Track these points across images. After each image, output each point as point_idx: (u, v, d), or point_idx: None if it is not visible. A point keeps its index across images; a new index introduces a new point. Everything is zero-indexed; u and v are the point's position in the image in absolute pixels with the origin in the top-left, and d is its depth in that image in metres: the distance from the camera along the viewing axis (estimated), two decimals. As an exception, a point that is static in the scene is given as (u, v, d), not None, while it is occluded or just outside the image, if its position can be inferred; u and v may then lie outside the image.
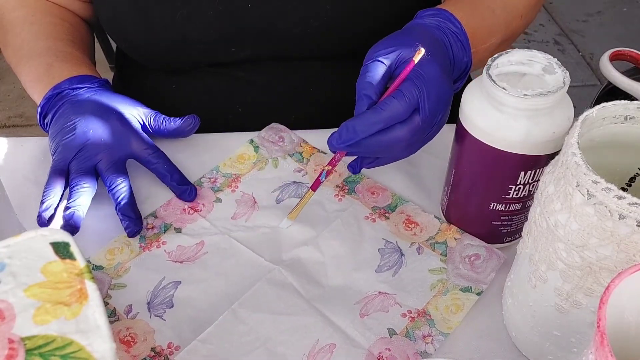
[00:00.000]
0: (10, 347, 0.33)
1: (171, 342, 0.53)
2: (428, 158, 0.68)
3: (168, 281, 0.57)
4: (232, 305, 0.55)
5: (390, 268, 0.58)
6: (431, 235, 0.60)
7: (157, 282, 0.57)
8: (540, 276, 0.45)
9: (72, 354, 0.34)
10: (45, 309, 0.35)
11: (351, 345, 0.52)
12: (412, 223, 0.62)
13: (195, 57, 0.73)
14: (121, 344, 0.52)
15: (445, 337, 0.53)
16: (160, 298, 0.56)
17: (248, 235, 0.61)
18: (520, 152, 0.51)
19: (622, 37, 2.11)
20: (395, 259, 0.59)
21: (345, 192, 0.65)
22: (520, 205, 0.55)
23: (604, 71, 0.65)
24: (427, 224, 0.62)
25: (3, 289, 0.36)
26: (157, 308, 0.55)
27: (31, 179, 0.66)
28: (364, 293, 0.56)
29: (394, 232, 0.61)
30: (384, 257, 0.59)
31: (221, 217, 0.62)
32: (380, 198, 0.64)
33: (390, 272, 0.58)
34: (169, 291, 0.56)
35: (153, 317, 0.54)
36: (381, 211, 0.63)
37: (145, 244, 0.60)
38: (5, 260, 0.37)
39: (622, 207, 0.38)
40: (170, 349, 0.52)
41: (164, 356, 0.51)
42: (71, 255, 0.38)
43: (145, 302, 0.55)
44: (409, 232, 0.61)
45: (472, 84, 0.54)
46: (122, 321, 0.54)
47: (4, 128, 1.83)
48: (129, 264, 0.58)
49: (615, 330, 0.35)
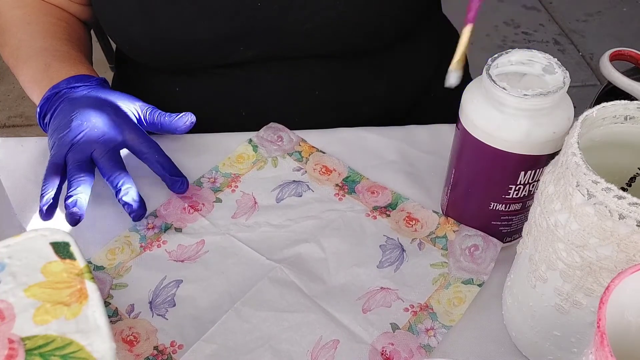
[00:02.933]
0: (10, 347, 0.33)
1: (174, 340, 0.53)
2: (428, 158, 0.68)
3: (169, 280, 0.57)
4: (235, 304, 0.55)
5: (391, 264, 0.58)
6: (431, 230, 0.61)
7: (158, 281, 0.57)
8: (540, 276, 0.45)
9: (72, 354, 0.34)
10: (45, 309, 0.35)
11: (354, 341, 0.52)
12: (412, 220, 0.62)
13: (202, 57, 0.73)
14: (124, 344, 0.52)
15: (448, 330, 0.53)
16: (162, 297, 0.56)
17: (249, 234, 0.61)
18: (520, 152, 0.51)
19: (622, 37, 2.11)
20: (396, 255, 0.59)
21: (345, 192, 0.65)
22: (520, 205, 0.55)
23: (604, 71, 0.65)
24: (427, 219, 0.62)
25: (3, 289, 0.36)
26: (159, 307, 0.55)
27: (31, 179, 0.66)
28: (366, 289, 0.56)
29: (395, 228, 0.61)
30: (385, 253, 0.59)
31: (222, 217, 0.62)
32: (380, 197, 0.64)
33: (391, 267, 0.58)
34: (171, 290, 0.56)
35: (155, 316, 0.54)
36: (382, 209, 0.63)
37: (146, 243, 0.60)
38: (5, 260, 0.37)
39: (622, 207, 0.38)
40: (174, 347, 0.52)
41: (167, 355, 0.52)
42: (71, 255, 0.38)
43: (147, 302, 0.55)
44: (409, 228, 0.61)
45: (472, 84, 0.54)
46: (125, 321, 0.54)
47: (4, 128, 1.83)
48: (129, 264, 0.58)
49: (615, 330, 0.35)
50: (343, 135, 0.71)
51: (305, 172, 0.67)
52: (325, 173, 0.66)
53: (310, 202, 0.62)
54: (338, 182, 0.66)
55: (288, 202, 0.64)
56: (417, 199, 0.64)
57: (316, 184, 0.65)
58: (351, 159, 0.69)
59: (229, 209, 0.63)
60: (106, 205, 0.62)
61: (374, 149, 0.70)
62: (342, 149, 0.69)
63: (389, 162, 0.68)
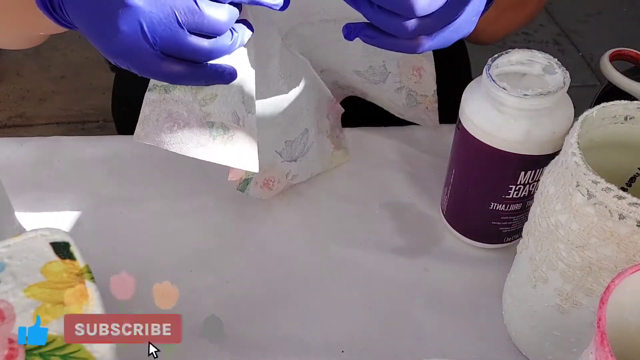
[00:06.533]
0: (10, 347, 0.34)
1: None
2: (428, 158, 0.68)
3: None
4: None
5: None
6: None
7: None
8: (541, 276, 0.45)
9: (72, 354, 0.34)
10: (45, 309, 0.35)
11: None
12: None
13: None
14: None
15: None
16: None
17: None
18: (520, 152, 0.51)
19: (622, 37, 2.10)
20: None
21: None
22: (520, 205, 0.55)
23: (604, 71, 0.65)
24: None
25: (3, 289, 0.36)
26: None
27: (31, 179, 0.66)
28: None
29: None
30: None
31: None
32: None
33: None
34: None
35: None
36: None
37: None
38: (5, 260, 0.37)
39: (622, 207, 0.38)
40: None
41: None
42: (71, 255, 0.38)
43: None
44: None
45: (472, 84, 0.54)
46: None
47: (4, 128, 1.83)
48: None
49: (615, 330, 0.35)
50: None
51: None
52: None
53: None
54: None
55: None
56: (417, 199, 0.64)
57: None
58: (351, 158, 0.69)
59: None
60: (106, 205, 0.62)
61: (374, 149, 0.70)
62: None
63: (389, 162, 0.68)
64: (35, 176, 0.66)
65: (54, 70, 1.91)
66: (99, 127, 1.77)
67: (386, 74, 0.64)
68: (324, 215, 0.64)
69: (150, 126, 0.45)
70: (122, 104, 0.86)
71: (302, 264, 0.59)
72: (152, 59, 0.41)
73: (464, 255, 0.60)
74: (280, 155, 0.60)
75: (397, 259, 0.60)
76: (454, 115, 0.55)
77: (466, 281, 0.58)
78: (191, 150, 0.47)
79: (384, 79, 0.65)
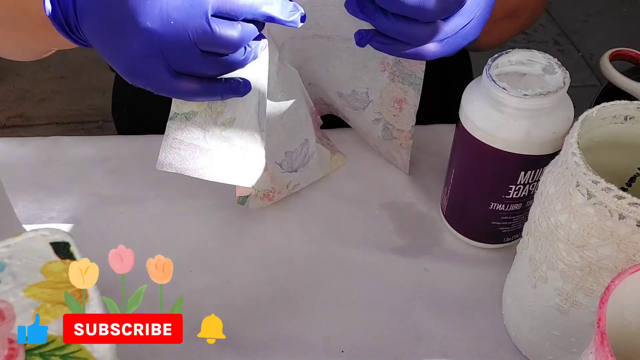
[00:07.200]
0: (10, 347, 0.34)
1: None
2: (428, 158, 0.69)
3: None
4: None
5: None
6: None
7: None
8: (541, 276, 0.45)
9: (72, 354, 0.34)
10: (45, 309, 0.35)
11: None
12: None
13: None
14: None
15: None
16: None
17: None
18: (520, 152, 0.51)
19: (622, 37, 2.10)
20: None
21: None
22: (520, 205, 0.55)
23: (604, 71, 0.65)
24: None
25: (3, 289, 0.36)
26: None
27: (31, 179, 0.66)
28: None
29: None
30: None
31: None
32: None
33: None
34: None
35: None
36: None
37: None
38: (5, 260, 0.37)
39: (622, 207, 0.38)
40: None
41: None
42: (71, 255, 0.38)
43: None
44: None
45: (472, 84, 0.54)
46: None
47: (4, 128, 1.83)
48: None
49: (615, 330, 0.35)
50: (343, 135, 0.71)
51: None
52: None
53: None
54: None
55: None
56: (417, 199, 0.64)
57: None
58: (352, 158, 0.69)
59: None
60: (106, 205, 0.62)
61: (373, 149, 0.70)
62: (342, 149, 0.69)
63: (389, 162, 0.68)
64: (35, 176, 0.66)
65: (54, 70, 1.91)
66: (99, 127, 1.77)
67: (367, 101, 0.63)
68: (324, 216, 0.64)
69: (173, 154, 0.48)
70: (122, 104, 0.86)
71: (302, 264, 0.59)
72: (166, 79, 0.42)
73: (464, 255, 0.60)
74: (280, 167, 0.60)
75: (397, 259, 0.60)
76: (454, 115, 0.55)
77: (466, 281, 0.58)
78: (213, 174, 0.50)
79: (364, 107, 0.63)
